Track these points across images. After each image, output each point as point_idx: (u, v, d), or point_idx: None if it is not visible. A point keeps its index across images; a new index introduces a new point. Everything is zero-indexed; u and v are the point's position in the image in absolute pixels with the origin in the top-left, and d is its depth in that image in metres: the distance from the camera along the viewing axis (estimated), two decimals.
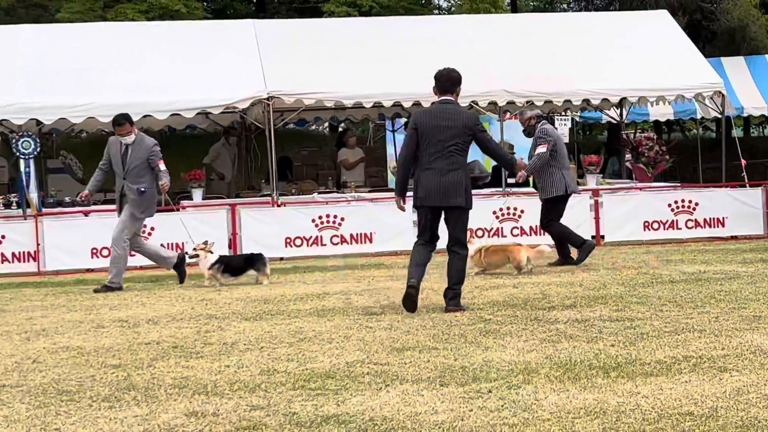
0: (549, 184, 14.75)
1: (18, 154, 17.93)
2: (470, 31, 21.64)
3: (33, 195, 17.71)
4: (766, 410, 6.03)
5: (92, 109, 18.33)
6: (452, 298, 10.65)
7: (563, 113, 21.93)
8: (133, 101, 18.32)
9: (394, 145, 25.18)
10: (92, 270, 17.17)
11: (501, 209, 18.61)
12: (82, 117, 18.47)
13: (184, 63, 19.51)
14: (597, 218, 18.56)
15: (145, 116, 18.72)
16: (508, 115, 20.80)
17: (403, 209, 11.33)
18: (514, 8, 37.19)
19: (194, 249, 14.07)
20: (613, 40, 20.88)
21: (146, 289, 14.05)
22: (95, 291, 13.79)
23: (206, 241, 14.11)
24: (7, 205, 18.31)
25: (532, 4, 38.09)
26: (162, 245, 16.03)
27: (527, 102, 19.33)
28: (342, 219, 18.24)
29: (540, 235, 17.15)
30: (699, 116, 29.50)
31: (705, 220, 19.01)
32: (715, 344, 8.21)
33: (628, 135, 21.65)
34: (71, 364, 8.44)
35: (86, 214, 17.98)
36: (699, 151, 28.18)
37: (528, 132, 15.37)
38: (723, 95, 20.16)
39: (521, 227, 18.58)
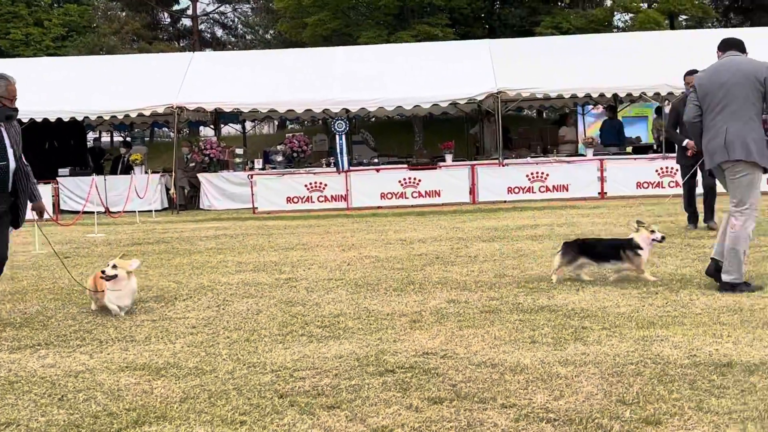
0: None
1: (335, 131, 18.52)
2: (641, 43, 20.73)
3: (345, 158, 18.26)
4: None
5: (382, 102, 18.84)
6: None
7: None
8: (407, 96, 18.69)
9: (584, 125, 24.58)
10: (381, 207, 17.61)
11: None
12: (376, 106, 18.99)
13: (440, 70, 19.56)
14: None
15: (415, 106, 19.02)
16: (666, 102, 19.86)
17: None
18: (672, 27, 35.24)
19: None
20: (748, 47, 19.46)
21: (415, 221, 14.29)
22: None
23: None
24: (328, 165, 18.93)
25: (685, 22, 35.91)
26: None
27: (681, 93, 18.32)
28: (547, 174, 17.95)
29: None
30: None
31: None
32: None
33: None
34: (371, 267, 8.73)
35: (377, 170, 18.40)
36: None
37: None
38: None
39: None
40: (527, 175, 17.98)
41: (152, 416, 3.96)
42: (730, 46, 6.92)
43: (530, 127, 25.60)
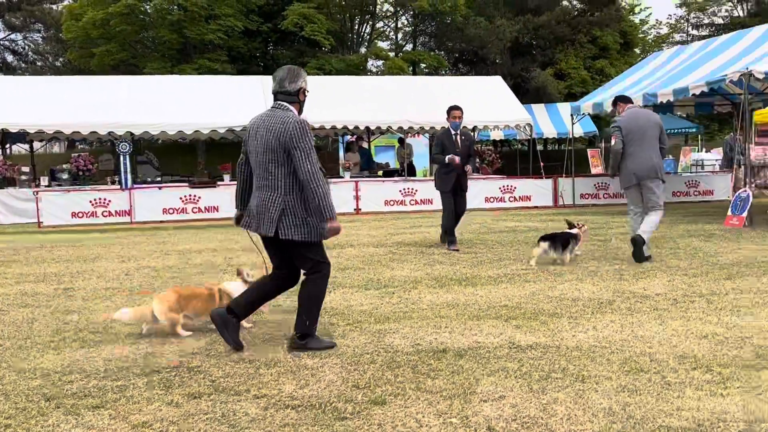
0: None
1: (119, 151, 17.53)
2: (389, 85, 21.55)
3: (128, 177, 17.33)
4: (548, 304, 6.16)
5: (165, 126, 17.94)
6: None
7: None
8: (187, 122, 18.08)
9: (343, 152, 24.95)
10: (163, 221, 16.88)
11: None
12: (158, 130, 18.05)
13: (218, 100, 19.15)
14: None
15: (195, 131, 18.43)
16: (408, 134, 20.77)
17: None
18: (414, 73, 37.10)
19: None
20: (471, 92, 20.87)
21: (194, 234, 13.86)
22: None
23: None
24: (113, 182, 17.89)
25: (425, 69, 37.89)
26: None
27: (420, 128, 19.28)
28: None
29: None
30: (518, 137, 29.84)
31: (520, 196, 19.21)
32: (525, 267, 8.33)
33: (478, 147, 21.64)
34: (148, 276, 8.31)
35: (160, 188, 17.62)
36: (518, 158, 28.60)
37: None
38: (531, 125, 20.34)
39: None
40: None
41: None
42: (627, 101, 8.87)
43: None
